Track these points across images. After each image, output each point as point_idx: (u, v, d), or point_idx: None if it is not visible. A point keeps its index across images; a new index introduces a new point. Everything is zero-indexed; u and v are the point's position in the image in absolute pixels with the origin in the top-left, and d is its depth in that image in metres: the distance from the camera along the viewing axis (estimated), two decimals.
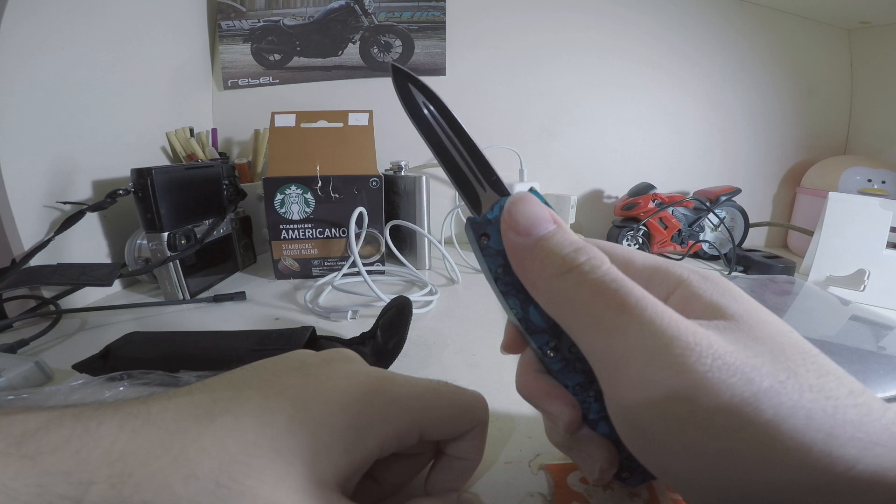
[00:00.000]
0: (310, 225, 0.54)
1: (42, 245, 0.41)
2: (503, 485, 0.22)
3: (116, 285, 0.50)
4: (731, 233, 0.63)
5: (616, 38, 0.71)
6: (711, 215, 0.64)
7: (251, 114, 0.70)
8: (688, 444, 0.14)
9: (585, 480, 0.21)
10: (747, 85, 0.72)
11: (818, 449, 0.12)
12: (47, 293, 0.43)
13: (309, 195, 0.53)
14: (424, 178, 0.57)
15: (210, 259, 0.52)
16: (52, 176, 0.44)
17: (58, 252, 0.43)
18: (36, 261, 0.40)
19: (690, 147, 0.75)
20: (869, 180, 0.61)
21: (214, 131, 0.69)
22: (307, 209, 0.53)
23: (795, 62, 0.72)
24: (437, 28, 0.70)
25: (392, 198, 0.60)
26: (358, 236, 0.50)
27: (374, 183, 0.54)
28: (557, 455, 0.23)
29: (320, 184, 0.52)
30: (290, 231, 0.54)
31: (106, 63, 0.50)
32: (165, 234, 0.45)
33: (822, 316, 0.40)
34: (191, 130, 0.63)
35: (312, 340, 0.33)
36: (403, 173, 0.59)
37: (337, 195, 0.53)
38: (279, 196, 0.52)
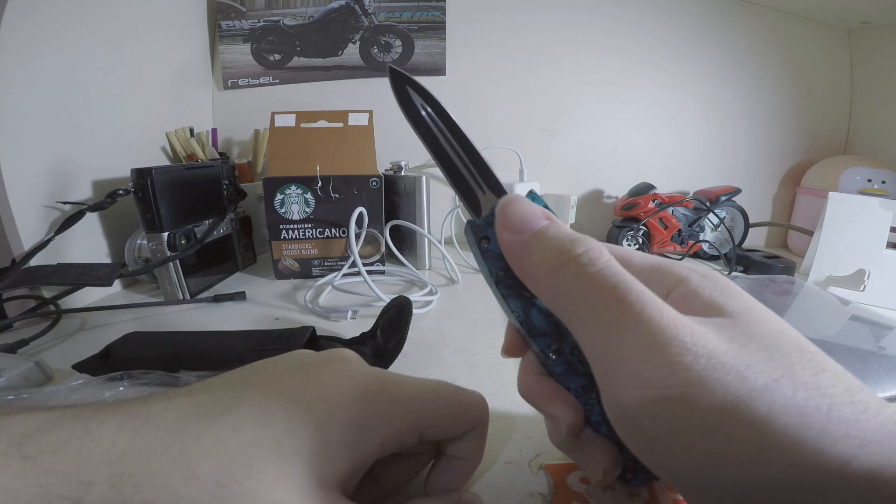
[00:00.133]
0: (310, 225, 0.54)
1: (42, 245, 0.41)
2: (503, 485, 0.22)
3: (116, 285, 0.50)
4: (731, 233, 0.63)
5: (616, 38, 0.71)
6: (711, 215, 0.64)
7: (251, 114, 0.70)
8: (683, 442, 0.14)
9: (585, 480, 0.21)
10: (747, 85, 0.72)
11: (810, 446, 0.12)
12: (47, 293, 0.43)
13: (309, 195, 0.53)
14: (424, 178, 0.57)
15: (210, 259, 0.52)
16: (52, 176, 0.44)
17: (58, 252, 0.42)
18: (36, 261, 0.40)
19: (690, 147, 0.75)
20: (869, 180, 0.61)
21: (214, 131, 0.69)
22: (307, 209, 0.53)
23: (795, 62, 0.72)
24: (437, 28, 0.70)
25: (392, 198, 0.60)
26: (358, 236, 0.50)
27: (374, 183, 0.54)
28: (557, 455, 0.23)
29: (320, 184, 0.52)
30: (290, 231, 0.54)
31: (106, 63, 0.50)
32: (165, 234, 0.45)
33: (822, 316, 0.40)
34: (191, 130, 0.63)
35: (312, 340, 0.33)
36: (403, 173, 0.59)
37: (337, 195, 0.53)
38: (279, 196, 0.52)
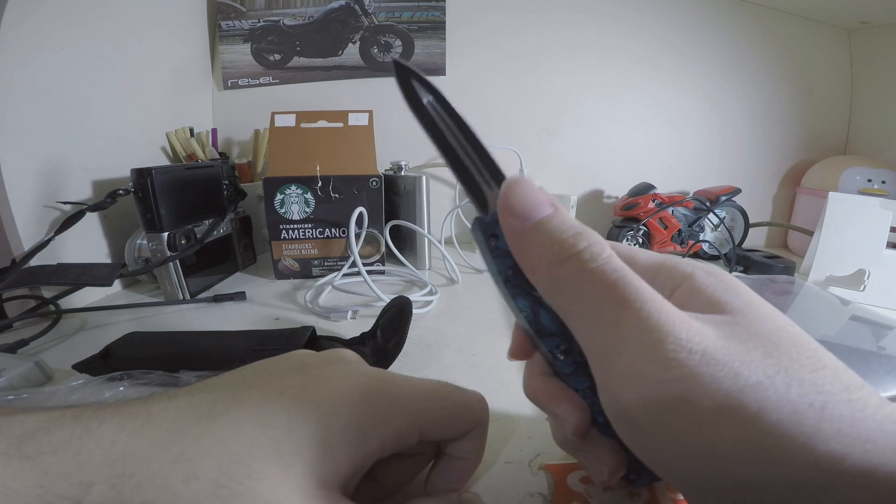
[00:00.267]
0: (310, 225, 0.54)
1: (42, 245, 0.41)
2: (503, 485, 0.22)
3: (116, 285, 0.50)
4: (731, 233, 0.63)
5: (616, 38, 0.71)
6: (711, 215, 0.64)
7: (251, 114, 0.70)
8: (678, 439, 0.14)
9: (585, 480, 0.21)
10: (747, 85, 0.72)
11: (801, 442, 0.12)
12: (47, 293, 0.43)
13: (309, 195, 0.53)
14: (424, 178, 0.57)
15: (210, 259, 0.52)
16: (52, 176, 0.44)
17: (58, 252, 0.42)
18: (36, 261, 0.40)
19: (690, 147, 0.75)
20: (869, 180, 0.61)
21: (214, 131, 0.68)
22: (307, 209, 0.53)
23: (795, 62, 0.72)
24: (437, 28, 0.70)
25: (392, 198, 0.60)
26: (358, 236, 0.50)
27: (374, 183, 0.54)
28: (557, 455, 0.23)
29: (320, 184, 0.52)
30: (290, 231, 0.54)
31: (106, 63, 0.50)
32: (165, 234, 0.45)
33: (822, 316, 0.40)
34: (191, 130, 0.63)
35: (312, 340, 0.33)
36: (403, 173, 0.59)
37: (337, 195, 0.53)
38: (279, 196, 0.52)
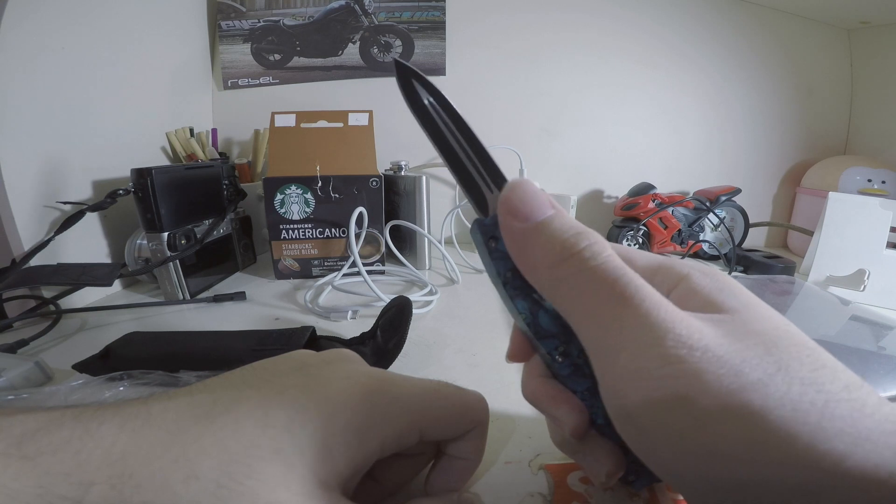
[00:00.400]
0: (310, 225, 0.54)
1: (42, 245, 0.41)
2: (503, 485, 0.22)
3: (116, 285, 0.50)
4: (731, 233, 0.63)
5: (616, 38, 0.71)
6: (711, 215, 0.64)
7: (251, 114, 0.70)
8: (679, 437, 0.14)
9: (585, 480, 0.21)
10: (747, 85, 0.72)
11: (803, 442, 0.12)
12: (47, 293, 0.43)
13: (309, 195, 0.53)
14: (424, 178, 0.57)
15: (210, 259, 0.52)
16: (52, 176, 0.44)
17: (58, 252, 0.42)
18: (36, 261, 0.40)
19: (690, 147, 0.75)
20: (869, 180, 0.61)
21: (214, 131, 0.68)
22: (307, 209, 0.53)
23: (795, 62, 0.72)
24: (437, 28, 0.70)
25: (392, 198, 0.60)
26: (358, 236, 0.50)
27: (374, 183, 0.54)
28: (558, 455, 0.23)
29: (320, 184, 0.52)
30: (290, 231, 0.54)
31: (106, 63, 0.50)
32: (165, 234, 0.45)
33: (822, 316, 0.40)
34: (191, 130, 0.63)
35: (312, 340, 0.33)
36: (403, 173, 0.59)
37: (337, 195, 0.53)
38: (279, 196, 0.52)
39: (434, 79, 0.85)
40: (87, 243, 0.47)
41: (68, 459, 0.12)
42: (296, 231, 0.54)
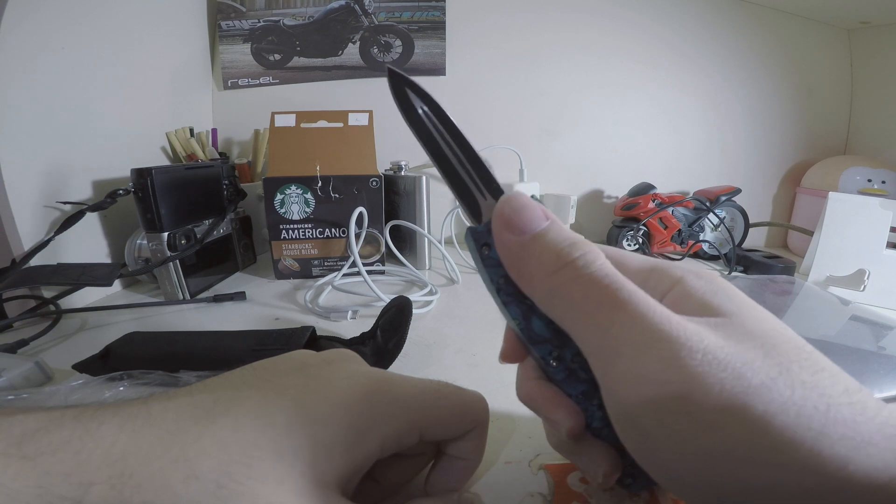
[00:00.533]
0: (310, 225, 0.54)
1: (42, 245, 0.41)
2: (503, 485, 0.22)
3: (116, 285, 0.50)
4: (731, 233, 0.63)
5: (616, 38, 0.71)
6: (711, 215, 0.64)
7: (251, 114, 0.70)
8: (680, 440, 0.14)
9: (585, 480, 0.21)
10: (747, 85, 0.72)
11: (807, 447, 0.12)
12: (47, 293, 0.43)
13: (309, 195, 0.53)
14: (424, 178, 0.57)
15: (210, 259, 0.52)
16: (52, 176, 0.44)
17: (58, 252, 0.42)
18: (36, 261, 0.40)
19: (690, 147, 0.75)
20: (869, 180, 0.61)
21: (214, 131, 0.68)
22: (307, 209, 0.53)
23: (795, 62, 0.72)
24: (437, 28, 0.70)
25: (392, 198, 0.60)
26: (358, 236, 0.50)
27: (374, 183, 0.54)
28: (558, 455, 0.23)
29: (320, 184, 0.52)
30: (290, 231, 0.54)
31: (106, 63, 0.50)
32: (165, 234, 0.45)
33: (822, 316, 0.40)
34: (191, 130, 0.63)
35: (312, 340, 0.33)
36: (403, 173, 0.59)
37: (337, 195, 0.53)
38: (279, 196, 0.52)
39: (434, 79, 0.84)
40: (87, 243, 0.47)
41: (68, 459, 0.12)
42: (296, 231, 0.54)
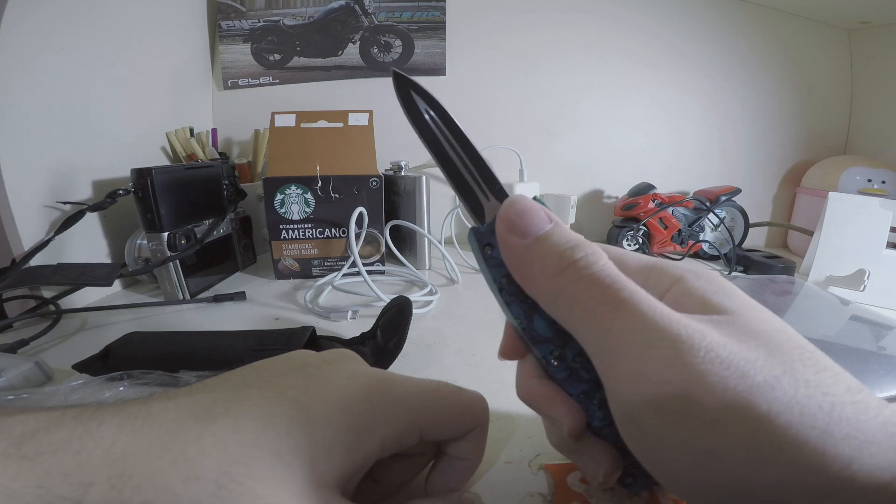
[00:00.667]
0: (310, 225, 0.54)
1: (42, 245, 0.41)
2: (503, 485, 0.22)
3: (116, 285, 0.50)
4: (731, 233, 0.63)
5: (616, 38, 0.71)
6: (711, 215, 0.64)
7: (251, 114, 0.70)
8: (683, 440, 0.14)
9: (585, 480, 0.21)
10: (747, 85, 0.72)
11: (811, 446, 0.12)
12: (47, 293, 0.43)
13: (309, 195, 0.53)
14: (424, 178, 0.57)
15: (210, 259, 0.52)
16: (52, 176, 0.44)
17: (58, 252, 0.42)
18: (36, 261, 0.40)
19: (690, 147, 0.75)
20: (869, 180, 0.61)
21: (214, 131, 0.68)
22: (307, 209, 0.53)
23: (795, 62, 0.72)
24: (437, 28, 0.70)
25: (392, 198, 0.60)
26: (358, 236, 0.50)
27: (374, 183, 0.54)
28: (558, 455, 0.23)
29: (320, 184, 0.52)
30: (290, 231, 0.54)
31: (106, 63, 0.50)
32: (165, 234, 0.45)
33: (822, 316, 0.40)
34: (191, 130, 0.63)
35: (312, 340, 0.33)
36: (403, 173, 0.59)
37: (337, 195, 0.53)
38: (279, 196, 0.52)
39: (434, 79, 0.84)
40: (87, 243, 0.47)
41: (68, 459, 0.12)
42: (296, 231, 0.54)
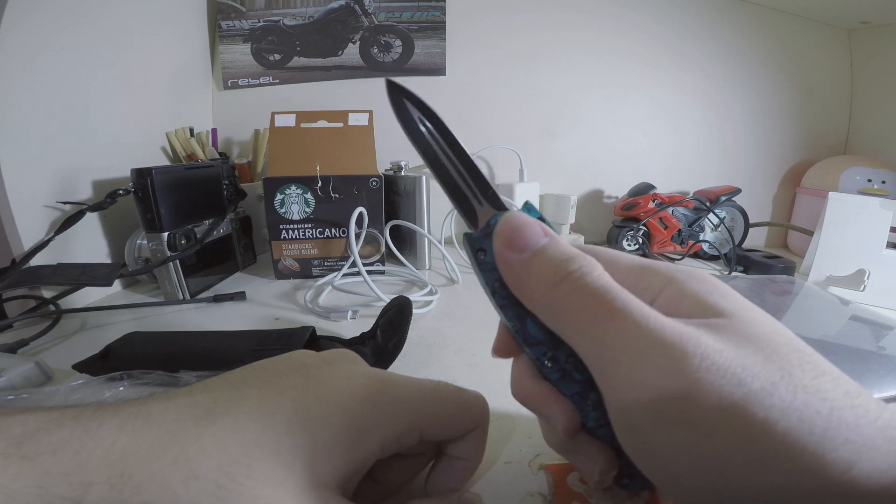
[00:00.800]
0: (310, 225, 0.54)
1: (42, 245, 0.41)
2: (503, 485, 0.22)
3: (116, 285, 0.50)
4: (731, 233, 0.63)
5: (616, 38, 0.71)
6: (711, 215, 0.64)
7: (251, 114, 0.70)
8: (680, 446, 0.14)
9: (585, 480, 0.21)
10: (747, 85, 0.72)
11: (811, 452, 0.12)
12: (47, 293, 0.43)
13: (309, 195, 0.53)
14: (424, 178, 0.57)
15: (210, 259, 0.52)
16: (52, 176, 0.44)
17: (58, 252, 0.42)
18: (36, 261, 0.40)
19: (690, 147, 0.75)
20: (869, 180, 0.61)
21: (214, 131, 0.68)
22: (307, 209, 0.53)
23: (795, 62, 0.72)
24: (437, 28, 0.70)
25: (392, 198, 0.60)
26: (358, 236, 0.50)
27: (374, 183, 0.54)
28: (557, 455, 0.23)
29: (320, 184, 0.52)
30: (290, 231, 0.54)
31: (106, 63, 0.50)
32: (165, 234, 0.45)
33: (822, 316, 0.40)
34: (191, 130, 0.63)
35: (312, 340, 0.33)
36: (403, 173, 0.59)
37: (337, 195, 0.53)
38: (279, 196, 0.52)
39: (434, 79, 0.84)
40: (87, 243, 0.47)
41: (68, 459, 0.12)
42: (296, 231, 0.54)
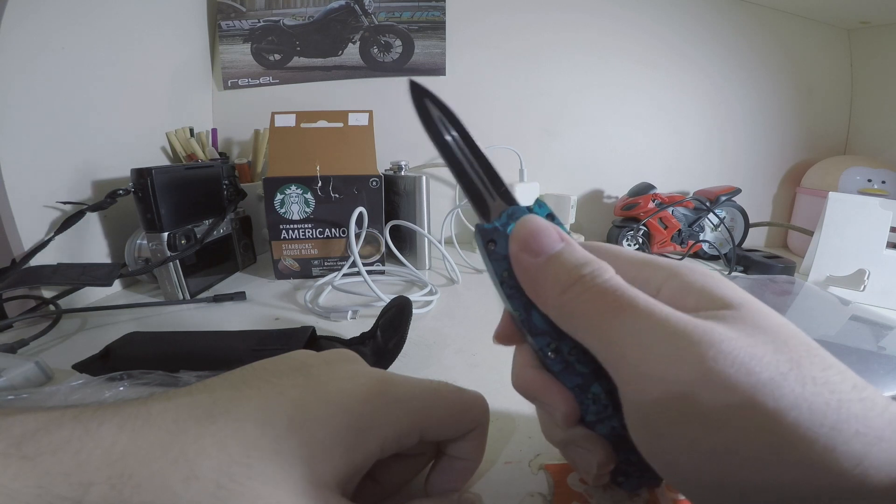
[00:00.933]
0: (310, 225, 0.54)
1: (42, 245, 0.41)
2: (503, 485, 0.22)
3: (116, 285, 0.50)
4: (731, 233, 0.63)
5: (616, 38, 0.71)
6: (711, 215, 0.64)
7: (251, 114, 0.70)
8: (691, 439, 0.14)
9: (585, 480, 0.21)
10: (747, 85, 0.72)
11: (822, 444, 0.12)
12: (47, 293, 0.43)
13: (309, 195, 0.53)
14: (424, 178, 0.57)
15: (210, 259, 0.52)
16: (52, 176, 0.44)
17: (58, 252, 0.42)
18: (36, 261, 0.40)
19: (690, 147, 0.75)
20: (869, 180, 0.61)
21: (214, 131, 0.68)
22: (307, 209, 0.53)
23: (795, 62, 0.72)
24: (437, 28, 0.70)
25: (392, 198, 0.60)
26: (358, 236, 0.50)
27: (374, 183, 0.54)
28: (557, 455, 0.23)
29: (320, 184, 0.52)
30: (290, 231, 0.54)
31: (106, 63, 0.50)
32: (165, 234, 0.45)
33: (822, 316, 0.40)
34: (191, 130, 0.63)
35: (312, 340, 0.33)
36: (403, 173, 0.59)
37: (337, 195, 0.53)
38: (279, 196, 0.52)
39: (434, 79, 0.84)
40: (87, 243, 0.47)
41: (68, 459, 0.12)
42: (296, 231, 0.54)
